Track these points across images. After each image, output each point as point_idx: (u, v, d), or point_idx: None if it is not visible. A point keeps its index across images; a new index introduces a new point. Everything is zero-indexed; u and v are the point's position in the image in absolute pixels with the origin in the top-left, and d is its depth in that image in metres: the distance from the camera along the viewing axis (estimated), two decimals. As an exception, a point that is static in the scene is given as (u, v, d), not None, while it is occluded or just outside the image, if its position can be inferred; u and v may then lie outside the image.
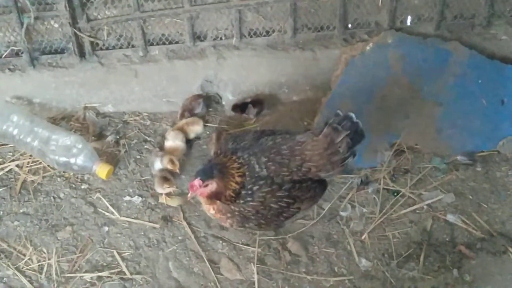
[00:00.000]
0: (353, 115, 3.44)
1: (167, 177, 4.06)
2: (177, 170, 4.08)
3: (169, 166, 4.07)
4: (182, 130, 4.40)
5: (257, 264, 3.69)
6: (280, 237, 3.84)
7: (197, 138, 4.47)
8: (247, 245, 3.80)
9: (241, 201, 3.37)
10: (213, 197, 3.39)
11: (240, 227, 3.53)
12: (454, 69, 4.40)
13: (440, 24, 4.60)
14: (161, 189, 4.02)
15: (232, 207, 3.40)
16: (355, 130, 3.43)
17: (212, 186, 3.31)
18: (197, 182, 3.28)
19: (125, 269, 3.66)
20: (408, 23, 4.63)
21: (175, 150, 4.24)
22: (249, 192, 3.35)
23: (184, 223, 3.89)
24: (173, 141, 4.26)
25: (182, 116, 4.54)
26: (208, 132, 4.51)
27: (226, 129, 4.50)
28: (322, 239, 3.86)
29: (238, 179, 3.34)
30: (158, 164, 4.12)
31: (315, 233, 3.89)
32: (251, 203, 3.37)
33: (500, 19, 4.67)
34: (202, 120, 4.51)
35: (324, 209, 3.98)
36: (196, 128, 4.45)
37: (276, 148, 3.44)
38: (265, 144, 3.47)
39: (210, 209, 3.51)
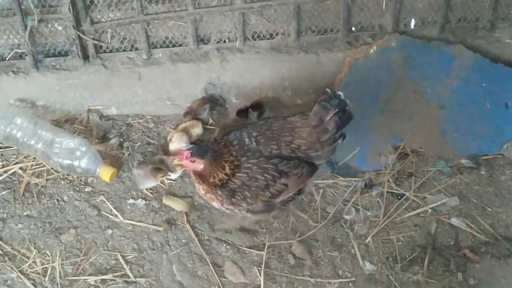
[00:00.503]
0: (341, 93, 3.55)
1: (159, 167, 4.11)
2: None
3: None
4: (185, 132, 4.40)
5: (262, 267, 3.68)
6: (285, 242, 3.83)
7: (200, 140, 4.46)
8: (251, 248, 3.79)
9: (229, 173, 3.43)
10: (197, 176, 3.49)
11: (229, 205, 3.52)
12: (458, 72, 4.40)
13: (444, 27, 4.59)
14: (154, 180, 4.06)
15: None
16: (343, 108, 3.54)
17: (199, 165, 3.40)
18: (186, 153, 3.37)
19: (129, 272, 3.66)
20: (412, 26, 4.62)
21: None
22: (237, 163, 3.42)
23: (188, 226, 3.88)
24: (178, 143, 4.26)
25: (185, 116, 4.55)
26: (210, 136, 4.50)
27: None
28: (326, 242, 3.85)
29: (228, 171, 3.41)
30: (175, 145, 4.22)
31: (319, 236, 3.88)
32: (238, 174, 3.42)
33: (504, 22, 4.66)
34: (201, 122, 4.52)
35: (328, 213, 3.98)
36: (196, 131, 4.46)
37: (267, 126, 3.56)
38: (258, 123, 3.62)
39: (200, 189, 3.56)
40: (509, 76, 4.42)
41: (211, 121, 4.65)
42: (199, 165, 3.39)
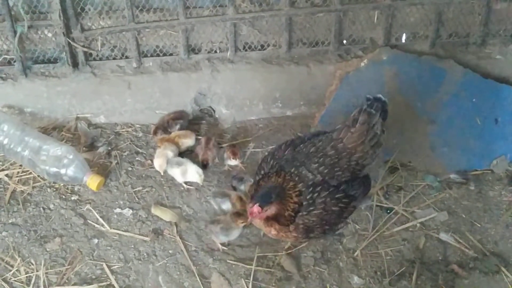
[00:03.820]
0: (381, 95, 3.53)
1: (239, 212, 3.89)
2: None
3: (238, 205, 3.97)
4: (173, 142, 4.37)
5: (249, 279, 3.65)
6: (274, 254, 3.80)
7: (190, 150, 4.43)
8: (239, 260, 3.75)
9: (304, 213, 3.37)
10: (272, 219, 3.41)
11: (305, 238, 3.55)
12: (448, 87, 4.41)
13: (435, 42, 4.62)
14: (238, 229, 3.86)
15: (296, 221, 3.39)
16: (385, 109, 3.54)
17: (271, 210, 3.34)
18: (256, 208, 3.29)
19: (114, 282, 3.61)
20: (403, 41, 4.65)
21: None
22: (310, 201, 3.36)
23: (177, 237, 3.84)
24: (162, 157, 4.21)
25: (155, 133, 4.49)
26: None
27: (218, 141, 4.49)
28: (314, 255, 3.82)
29: (296, 199, 3.36)
30: (228, 205, 4.01)
31: (308, 249, 3.85)
32: (314, 211, 3.38)
33: (494, 38, 4.70)
34: (194, 133, 4.48)
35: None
36: (187, 141, 4.42)
37: (320, 151, 3.48)
38: (308, 151, 3.51)
39: (271, 231, 3.49)
40: (499, 92, 4.44)
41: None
42: (272, 209, 3.33)
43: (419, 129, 4.37)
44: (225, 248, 3.80)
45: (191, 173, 4.12)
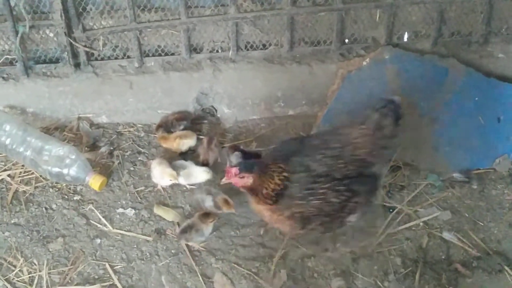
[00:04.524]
0: (395, 98, 3.54)
1: (206, 212, 3.87)
2: (233, 210, 3.94)
3: (225, 209, 3.94)
4: (173, 142, 4.37)
5: (251, 279, 3.64)
6: (279, 253, 3.79)
7: (192, 151, 4.42)
8: (241, 259, 3.75)
9: (304, 202, 3.40)
10: (248, 191, 3.46)
11: (300, 230, 3.54)
12: (450, 86, 4.40)
13: (437, 41, 4.61)
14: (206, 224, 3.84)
15: (293, 209, 3.42)
16: (398, 112, 3.52)
17: (248, 179, 3.39)
18: (234, 170, 3.38)
19: (117, 282, 3.60)
20: (405, 39, 4.65)
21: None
22: (311, 191, 3.38)
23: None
24: (159, 170, 4.14)
25: (157, 130, 4.50)
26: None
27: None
28: (318, 254, 3.81)
29: (278, 181, 3.37)
30: (210, 202, 3.99)
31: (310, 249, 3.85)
32: (313, 201, 3.39)
33: (496, 37, 4.69)
34: (195, 133, 4.47)
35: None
36: (188, 142, 4.41)
37: (325, 144, 3.50)
38: (313, 144, 3.54)
39: (263, 212, 3.54)
40: (502, 91, 4.44)
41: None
42: (249, 179, 3.38)
43: (422, 128, 4.36)
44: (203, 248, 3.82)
45: (196, 174, 4.11)
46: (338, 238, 3.85)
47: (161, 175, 4.07)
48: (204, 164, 4.24)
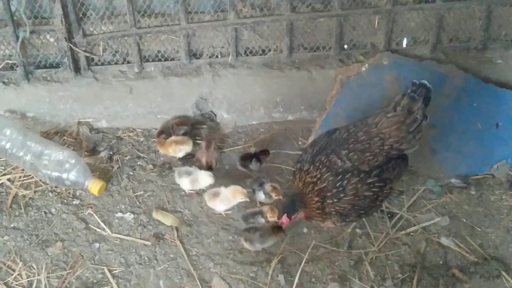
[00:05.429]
0: (425, 81, 3.54)
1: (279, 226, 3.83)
2: (281, 196, 4.00)
3: (274, 195, 3.99)
4: (169, 147, 4.38)
5: (249, 284, 3.65)
6: (276, 258, 3.80)
7: (190, 155, 4.43)
8: (239, 264, 3.76)
9: (335, 200, 3.48)
10: (306, 218, 3.71)
11: (343, 222, 3.65)
12: (449, 92, 4.41)
13: (436, 47, 4.62)
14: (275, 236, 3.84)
15: (327, 209, 3.53)
16: (428, 96, 3.55)
17: (300, 215, 3.65)
18: (285, 219, 3.63)
19: (115, 286, 3.61)
20: (404, 45, 4.66)
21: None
22: (340, 188, 3.45)
23: (178, 242, 3.85)
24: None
25: (158, 136, 4.49)
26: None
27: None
28: (316, 259, 3.82)
29: (316, 198, 3.51)
30: (261, 196, 4.04)
31: (311, 254, 3.85)
32: (344, 198, 3.47)
33: (495, 43, 4.70)
34: (191, 139, 4.46)
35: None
36: (184, 148, 4.40)
37: (352, 137, 3.54)
38: (340, 138, 3.58)
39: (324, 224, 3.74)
40: (500, 96, 4.43)
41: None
42: (300, 214, 3.63)
43: (420, 133, 4.37)
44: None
45: (202, 179, 4.11)
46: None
47: (233, 194, 4.00)
48: (208, 167, 4.24)
